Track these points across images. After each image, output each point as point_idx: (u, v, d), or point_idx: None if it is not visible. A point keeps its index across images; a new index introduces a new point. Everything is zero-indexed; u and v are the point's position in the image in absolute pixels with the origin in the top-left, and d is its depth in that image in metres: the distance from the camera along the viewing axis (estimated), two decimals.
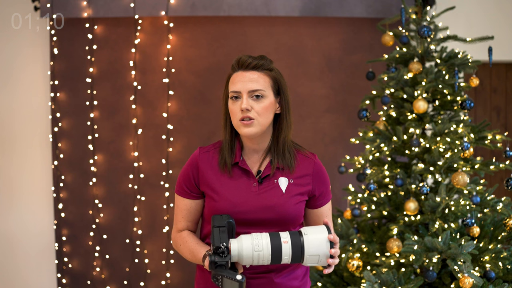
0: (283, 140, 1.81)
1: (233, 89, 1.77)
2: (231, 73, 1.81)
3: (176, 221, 1.88)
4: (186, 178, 1.84)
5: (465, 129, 2.83)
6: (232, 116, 1.78)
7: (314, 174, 1.83)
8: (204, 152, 1.84)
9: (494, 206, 2.84)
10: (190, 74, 3.91)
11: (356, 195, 3.04)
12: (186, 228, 1.88)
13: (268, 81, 1.79)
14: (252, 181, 1.79)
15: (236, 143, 1.83)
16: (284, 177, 1.80)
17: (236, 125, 1.77)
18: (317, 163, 1.85)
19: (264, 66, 1.80)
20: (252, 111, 1.74)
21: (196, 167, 1.82)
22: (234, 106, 1.77)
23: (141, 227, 3.93)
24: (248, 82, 1.76)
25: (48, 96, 3.95)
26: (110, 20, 3.88)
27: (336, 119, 3.95)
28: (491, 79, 4.23)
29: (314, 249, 1.62)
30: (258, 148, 1.82)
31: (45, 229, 3.98)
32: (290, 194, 1.78)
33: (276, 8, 3.79)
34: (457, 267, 2.53)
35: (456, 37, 3.01)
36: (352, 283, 3.01)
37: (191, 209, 1.86)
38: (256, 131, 1.75)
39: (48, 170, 3.98)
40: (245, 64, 1.78)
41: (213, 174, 1.80)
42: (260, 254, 1.61)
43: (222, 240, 1.57)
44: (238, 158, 1.80)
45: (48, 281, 3.99)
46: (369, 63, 3.31)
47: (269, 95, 1.77)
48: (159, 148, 3.92)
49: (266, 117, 1.76)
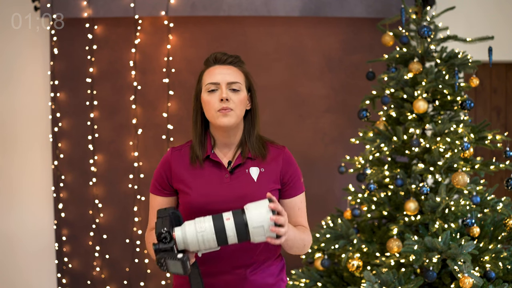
0: (256, 134, 1.87)
1: (212, 81, 1.81)
2: (205, 68, 1.88)
3: (150, 220, 1.91)
4: (158, 177, 1.88)
5: (465, 129, 2.83)
6: (207, 108, 1.81)
7: (283, 162, 1.86)
8: (175, 150, 1.89)
9: (494, 206, 2.84)
10: (190, 74, 3.91)
11: (356, 195, 3.04)
12: None
13: (242, 76, 1.85)
14: (224, 173, 1.82)
15: (206, 138, 1.87)
16: (255, 167, 1.83)
17: (213, 117, 1.80)
18: (287, 152, 1.89)
19: (239, 63, 1.87)
20: (231, 102, 1.79)
21: (169, 166, 1.86)
22: (211, 97, 1.81)
23: (141, 227, 3.93)
24: (227, 74, 1.82)
25: (48, 96, 3.95)
26: (110, 20, 3.88)
27: (336, 119, 3.95)
28: (491, 79, 4.23)
29: (256, 221, 1.60)
30: (230, 142, 1.86)
31: (45, 229, 3.98)
32: (262, 183, 1.81)
33: (276, 8, 3.79)
34: (457, 267, 2.53)
35: (456, 37, 3.01)
36: (352, 283, 3.01)
37: (163, 207, 1.88)
38: (233, 121, 1.80)
39: (48, 170, 3.98)
40: (222, 59, 1.85)
41: (185, 170, 1.84)
42: (204, 236, 1.60)
43: (163, 226, 1.58)
44: (209, 151, 1.84)
45: (48, 281, 3.99)
46: (369, 63, 3.31)
47: (243, 89, 1.84)
48: (159, 148, 3.92)
49: (241, 109, 1.82)
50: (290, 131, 3.92)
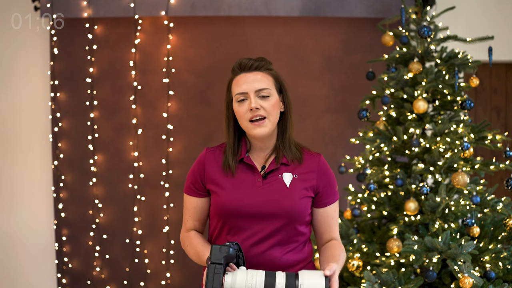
0: (289, 137, 1.85)
1: (239, 91, 1.78)
2: (233, 77, 1.83)
3: (185, 220, 1.92)
4: (192, 177, 1.87)
5: (465, 129, 2.83)
6: (240, 118, 1.79)
7: (318, 171, 1.85)
8: (210, 151, 1.88)
9: (494, 206, 2.84)
10: (190, 74, 3.91)
11: (356, 195, 3.04)
12: (193, 228, 1.91)
13: (271, 80, 1.82)
14: (256, 177, 1.81)
15: (241, 143, 1.85)
16: (288, 173, 1.82)
17: (246, 127, 1.79)
18: (322, 161, 1.88)
19: (265, 66, 1.83)
20: (262, 110, 1.77)
21: (203, 166, 1.85)
22: (241, 108, 1.78)
23: (141, 227, 3.93)
24: (253, 82, 1.78)
25: (48, 96, 3.95)
26: (110, 20, 3.88)
27: (336, 119, 3.95)
28: (491, 79, 4.23)
29: None
30: (265, 147, 1.85)
31: (45, 229, 3.98)
32: (294, 189, 1.80)
33: (276, 8, 3.79)
34: (457, 267, 2.53)
35: (456, 37, 3.01)
36: (352, 283, 3.01)
37: (197, 207, 1.89)
38: (269, 130, 1.78)
39: (48, 170, 3.98)
40: (247, 66, 1.81)
41: (218, 172, 1.83)
42: None
43: (215, 284, 1.57)
44: (244, 154, 1.83)
45: (48, 281, 3.99)
46: (369, 63, 3.31)
47: (274, 93, 1.81)
48: (159, 148, 3.92)
49: (275, 114, 1.80)
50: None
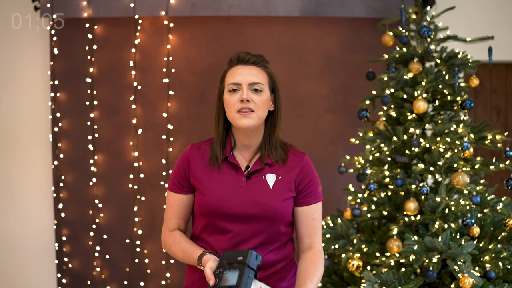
0: (276, 137, 1.84)
1: (233, 81, 1.79)
2: (228, 68, 1.84)
3: (167, 219, 1.89)
4: (177, 173, 1.86)
5: (465, 129, 2.83)
6: (228, 108, 1.79)
7: (301, 168, 1.83)
8: (195, 147, 1.87)
9: (494, 206, 2.84)
10: (190, 74, 3.91)
11: (356, 195, 3.04)
12: (177, 227, 1.89)
13: (266, 77, 1.83)
14: (240, 176, 1.81)
15: (227, 139, 1.85)
16: (272, 174, 1.81)
17: (233, 117, 1.78)
18: (306, 160, 1.86)
19: (262, 63, 1.84)
20: (252, 103, 1.77)
21: (187, 162, 1.84)
22: (232, 97, 1.78)
23: (141, 227, 3.93)
24: (248, 75, 1.79)
25: (48, 96, 3.95)
26: (110, 20, 3.88)
27: (336, 119, 3.95)
28: (491, 79, 4.23)
29: None
30: (250, 144, 1.84)
31: (45, 229, 3.98)
32: (277, 190, 1.79)
33: (276, 8, 3.79)
34: (457, 267, 2.53)
35: (456, 37, 3.01)
36: (352, 283, 3.01)
37: (182, 205, 1.87)
38: (254, 123, 1.77)
39: (48, 170, 3.98)
40: (244, 59, 1.82)
41: (203, 169, 1.82)
42: None
43: (247, 287, 1.57)
44: (228, 153, 1.82)
45: (48, 281, 3.99)
46: (369, 63, 3.31)
47: (266, 90, 1.81)
48: (159, 148, 3.92)
49: (263, 110, 1.79)
50: (290, 131, 3.91)
